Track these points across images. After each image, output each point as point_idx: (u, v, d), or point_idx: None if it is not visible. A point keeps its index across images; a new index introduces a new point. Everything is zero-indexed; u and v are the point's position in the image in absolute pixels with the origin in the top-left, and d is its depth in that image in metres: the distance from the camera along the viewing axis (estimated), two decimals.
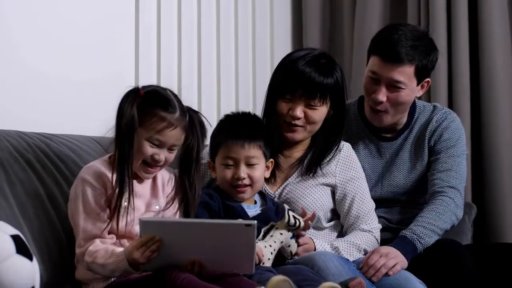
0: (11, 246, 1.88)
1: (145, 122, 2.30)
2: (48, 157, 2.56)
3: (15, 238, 1.91)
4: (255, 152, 2.55)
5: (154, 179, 2.45)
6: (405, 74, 2.75)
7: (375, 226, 2.76)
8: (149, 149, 2.32)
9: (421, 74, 2.78)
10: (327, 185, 2.75)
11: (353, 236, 2.70)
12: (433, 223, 2.71)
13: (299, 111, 2.64)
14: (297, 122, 2.66)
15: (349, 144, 2.82)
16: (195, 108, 2.44)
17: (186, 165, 2.41)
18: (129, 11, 3.26)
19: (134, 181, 2.36)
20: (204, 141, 2.43)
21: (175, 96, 2.38)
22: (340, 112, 2.74)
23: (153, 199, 2.43)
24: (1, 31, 2.74)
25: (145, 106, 2.31)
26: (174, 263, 2.17)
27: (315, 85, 2.63)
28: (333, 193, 2.76)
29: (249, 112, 2.69)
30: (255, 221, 2.18)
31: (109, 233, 2.32)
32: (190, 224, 2.23)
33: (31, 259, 1.92)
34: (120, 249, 2.23)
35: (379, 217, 2.82)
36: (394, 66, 2.74)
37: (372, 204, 2.78)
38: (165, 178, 2.47)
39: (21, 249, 1.90)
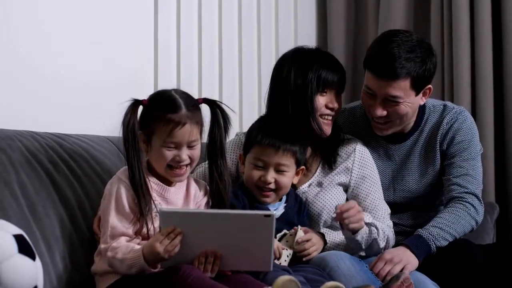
0: (13, 245, 1.89)
1: (155, 129, 2.33)
2: (60, 157, 2.57)
3: (17, 237, 1.92)
4: (286, 160, 2.53)
5: (188, 189, 2.46)
6: (400, 88, 2.68)
7: (391, 225, 2.75)
8: (168, 153, 2.34)
9: (419, 84, 2.71)
10: (341, 184, 2.75)
11: (381, 224, 2.69)
12: (452, 226, 2.68)
13: (336, 102, 2.70)
14: (333, 113, 2.70)
15: (362, 143, 2.80)
16: None
17: (213, 154, 2.43)
18: (148, 9, 3.27)
19: (168, 187, 2.40)
20: (228, 128, 2.43)
21: (182, 93, 2.39)
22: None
23: (184, 207, 2.44)
24: (13, 34, 2.78)
25: (150, 114, 2.35)
26: (191, 259, 2.19)
27: (341, 80, 2.71)
28: (346, 192, 2.77)
29: (293, 115, 2.64)
30: (274, 212, 2.21)
31: (141, 238, 2.34)
32: (210, 214, 2.26)
33: (33, 258, 1.93)
34: (140, 246, 2.25)
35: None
36: (389, 82, 2.67)
37: (386, 208, 2.76)
38: (198, 189, 2.49)
39: (24, 248, 1.91)
